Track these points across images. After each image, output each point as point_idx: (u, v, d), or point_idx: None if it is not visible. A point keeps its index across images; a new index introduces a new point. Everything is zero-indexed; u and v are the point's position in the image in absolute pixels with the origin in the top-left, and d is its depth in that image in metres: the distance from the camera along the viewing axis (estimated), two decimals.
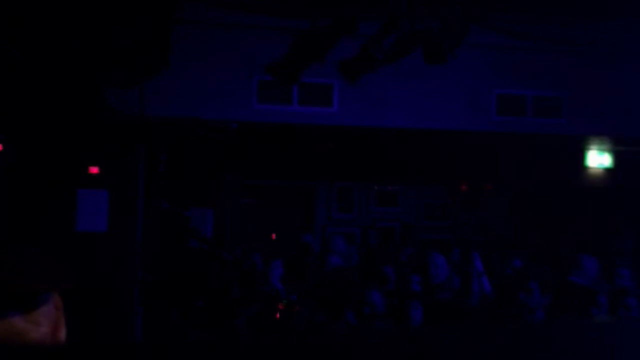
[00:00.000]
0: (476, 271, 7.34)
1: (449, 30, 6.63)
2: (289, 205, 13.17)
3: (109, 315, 7.41)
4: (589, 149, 10.63)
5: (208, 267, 8.35)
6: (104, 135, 7.79)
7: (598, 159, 10.78)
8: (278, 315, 7.13)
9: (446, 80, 8.41)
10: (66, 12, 5.91)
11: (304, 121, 8.30)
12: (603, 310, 6.95)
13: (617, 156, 10.73)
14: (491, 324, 6.77)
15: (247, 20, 7.82)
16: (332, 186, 13.29)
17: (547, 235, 11.40)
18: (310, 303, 7.29)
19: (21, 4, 5.73)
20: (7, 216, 7.48)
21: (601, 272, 7.89)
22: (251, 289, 7.72)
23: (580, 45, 8.54)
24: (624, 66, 8.81)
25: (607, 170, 10.93)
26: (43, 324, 1.71)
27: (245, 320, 7.29)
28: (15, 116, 7.37)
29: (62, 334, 1.81)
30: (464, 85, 8.51)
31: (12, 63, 6.38)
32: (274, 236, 8.83)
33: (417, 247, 11.28)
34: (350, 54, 7.61)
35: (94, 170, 7.82)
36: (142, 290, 7.68)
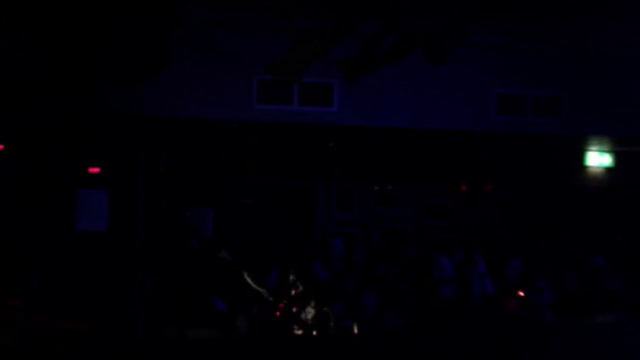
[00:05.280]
0: (479, 272, 7.35)
1: (449, 30, 6.64)
2: (290, 205, 13.17)
3: (109, 315, 7.41)
4: (588, 149, 10.63)
5: (208, 267, 8.35)
6: (103, 136, 7.79)
7: (598, 158, 10.78)
8: (278, 314, 7.14)
9: (446, 80, 8.40)
10: (66, 12, 5.91)
11: (304, 121, 8.30)
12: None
13: (617, 156, 10.73)
14: (495, 324, 6.79)
15: (247, 20, 7.81)
16: (333, 186, 13.29)
17: (547, 234, 11.41)
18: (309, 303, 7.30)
19: (22, 4, 5.73)
20: (8, 216, 7.48)
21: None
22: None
23: (580, 45, 8.54)
24: (624, 66, 8.81)
25: (607, 170, 10.93)
26: None
27: (245, 320, 7.30)
28: (16, 116, 7.38)
29: None
30: (464, 85, 8.50)
31: (12, 63, 6.39)
32: None
33: (421, 247, 11.28)
34: (350, 54, 7.61)
35: (94, 170, 7.82)
36: (141, 290, 7.68)
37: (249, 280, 7.74)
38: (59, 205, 7.65)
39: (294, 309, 7.24)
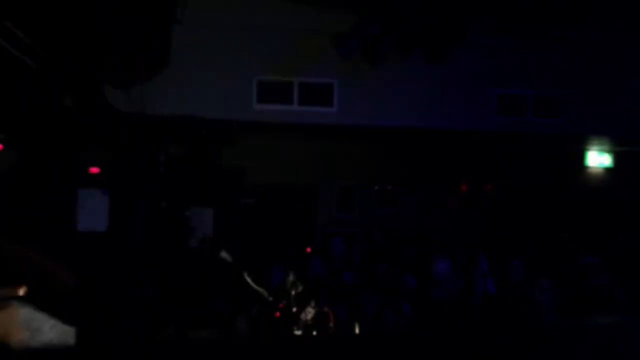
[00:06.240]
0: (482, 272, 7.34)
1: (449, 30, 6.64)
2: (290, 205, 13.17)
3: (109, 315, 7.41)
4: (588, 149, 10.64)
5: (208, 267, 8.36)
6: (104, 135, 7.80)
7: (598, 158, 10.78)
8: (278, 314, 7.14)
9: (446, 80, 8.41)
10: (67, 14, 5.91)
11: (304, 121, 8.30)
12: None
13: (617, 156, 10.74)
14: (496, 324, 6.79)
15: (247, 20, 7.82)
16: (333, 186, 13.30)
17: (547, 234, 11.41)
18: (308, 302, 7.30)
19: (22, 5, 5.74)
20: (9, 215, 7.48)
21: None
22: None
23: (580, 45, 8.54)
24: (623, 66, 8.81)
25: (607, 170, 10.93)
26: None
27: (245, 320, 7.29)
28: (17, 116, 7.38)
29: None
30: (464, 85, 8.51)
31: (14, 64, 6.39)
32: None
33: (421, 247, 11.27)
34: (351, 54, 7.62)
35: (94, 170, 7.82)
36: (141, 289, 7.68)
37: (249, 280, 7.74)
38: (59, 205, 7.66)
39: (294, 309, 7.24)
